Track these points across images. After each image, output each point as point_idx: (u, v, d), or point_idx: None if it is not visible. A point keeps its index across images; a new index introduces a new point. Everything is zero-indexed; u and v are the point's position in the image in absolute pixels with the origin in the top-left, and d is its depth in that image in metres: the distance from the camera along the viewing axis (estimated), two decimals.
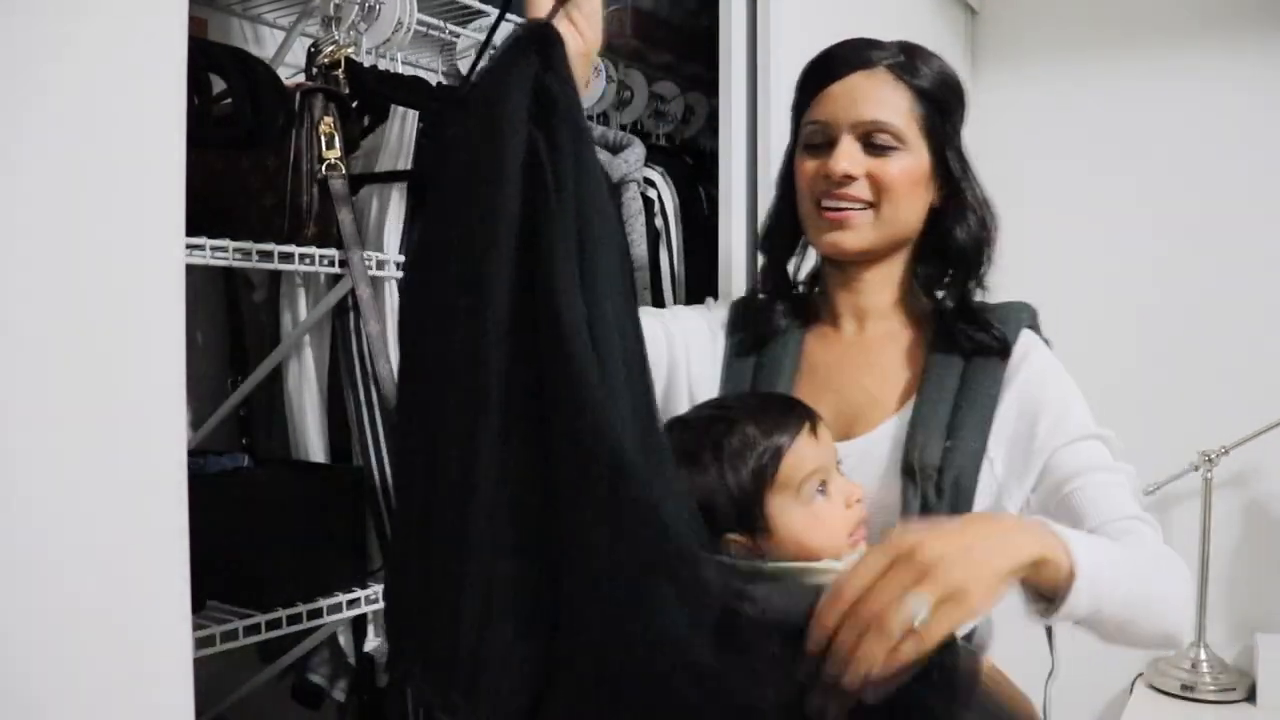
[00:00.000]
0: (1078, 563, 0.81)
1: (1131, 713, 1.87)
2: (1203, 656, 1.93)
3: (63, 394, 0.76)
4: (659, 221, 1.60)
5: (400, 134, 1.30)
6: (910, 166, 1.06)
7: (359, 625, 1.32)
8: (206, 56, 1.17)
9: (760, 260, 1.22)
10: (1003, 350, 1.05)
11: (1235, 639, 2.01)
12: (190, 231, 0.86)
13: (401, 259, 1.29)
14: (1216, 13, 2.03)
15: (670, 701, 0.77)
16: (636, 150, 1.50)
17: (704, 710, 0.76)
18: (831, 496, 0.97)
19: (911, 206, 1.08)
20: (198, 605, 1.00)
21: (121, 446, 0.79)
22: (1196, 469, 1.95)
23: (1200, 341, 2.05)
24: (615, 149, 1.52)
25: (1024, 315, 1.10)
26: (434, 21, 1.46)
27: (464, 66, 1.56)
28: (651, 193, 1.59)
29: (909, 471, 1.01)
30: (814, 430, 0.97)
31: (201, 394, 1.42)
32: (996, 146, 1.15)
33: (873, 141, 1.06)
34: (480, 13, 1.53)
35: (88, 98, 0.77)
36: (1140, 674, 2.02)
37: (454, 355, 0.83)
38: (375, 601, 1.25)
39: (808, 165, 1.09)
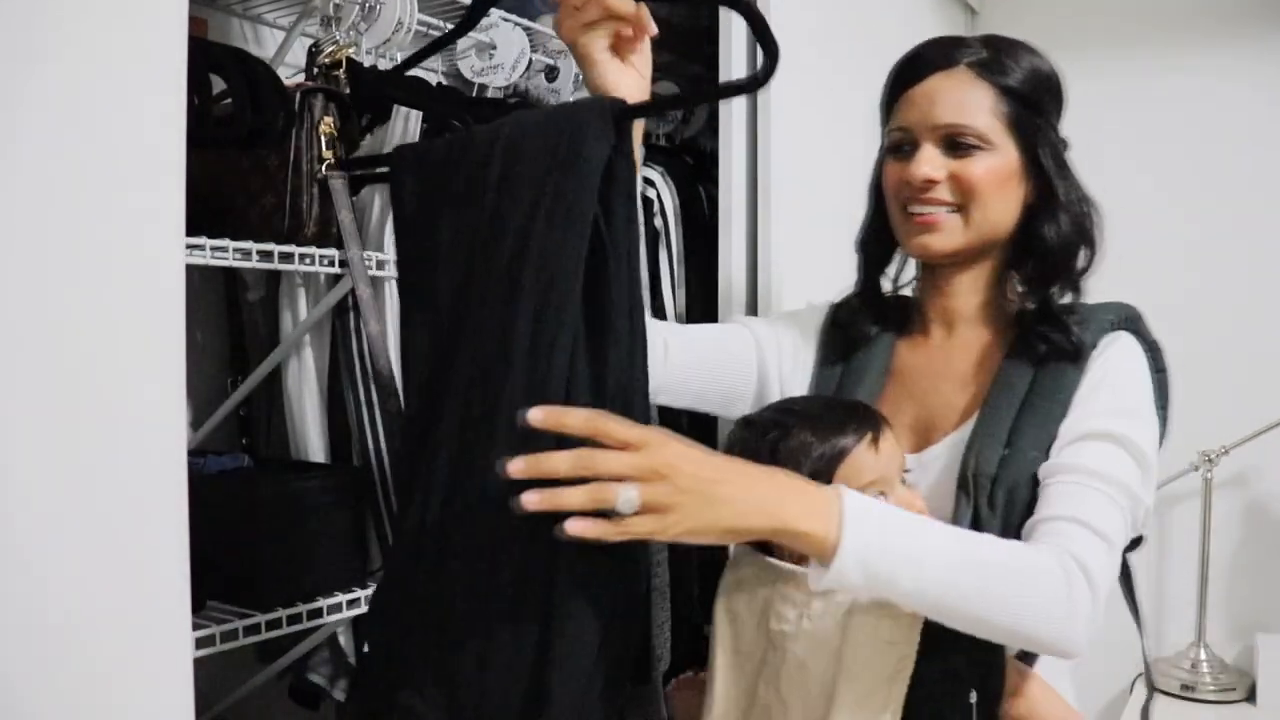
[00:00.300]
0: (844, 542, 0.81)
1: (1131, 713, 1.87)
2: (1203, 656, 1.93)
3: (63, 394, 0.76)
4: (658, 221, 1.59)
5: (403, 134, 1.29)
6: (996, 166, 1.03)
7: (359, 625, 1.32)
8: (206, 56, 1.17)
9: (857, 265, 1.19)
10: (1076, 355, 1.00)
11: (1235, 639, 2.01)
12: (190, 231, 0.86)
13: None
14: (1217, 11, 2.03)
15: None
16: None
17: None
18: None
19: (1000, 206, 1.04)
20: (198, 605, 1.00)
21: (121, 446, 0.79)
22: (1196, 469, 1.95)
23: (1200, 341, 2.05)
24: None
25: (1111, 316, 1.04)
26: (434, 21, 1.45)
27: (464, 67, 1.56)
28: (651, 193, 1.58)
29: (963, 482, 0.98)
30: (875, 440, 0.96)
31: (201, 394, 1.42)
32: None
33: (955, 143, 1.03)
34: None
35: (88, 98, 0.77)
36: (1140, 674, 2.02)
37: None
38: None
39: (892, 171, 1.08)
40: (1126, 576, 1.07)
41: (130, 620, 0.80)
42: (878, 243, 1.14)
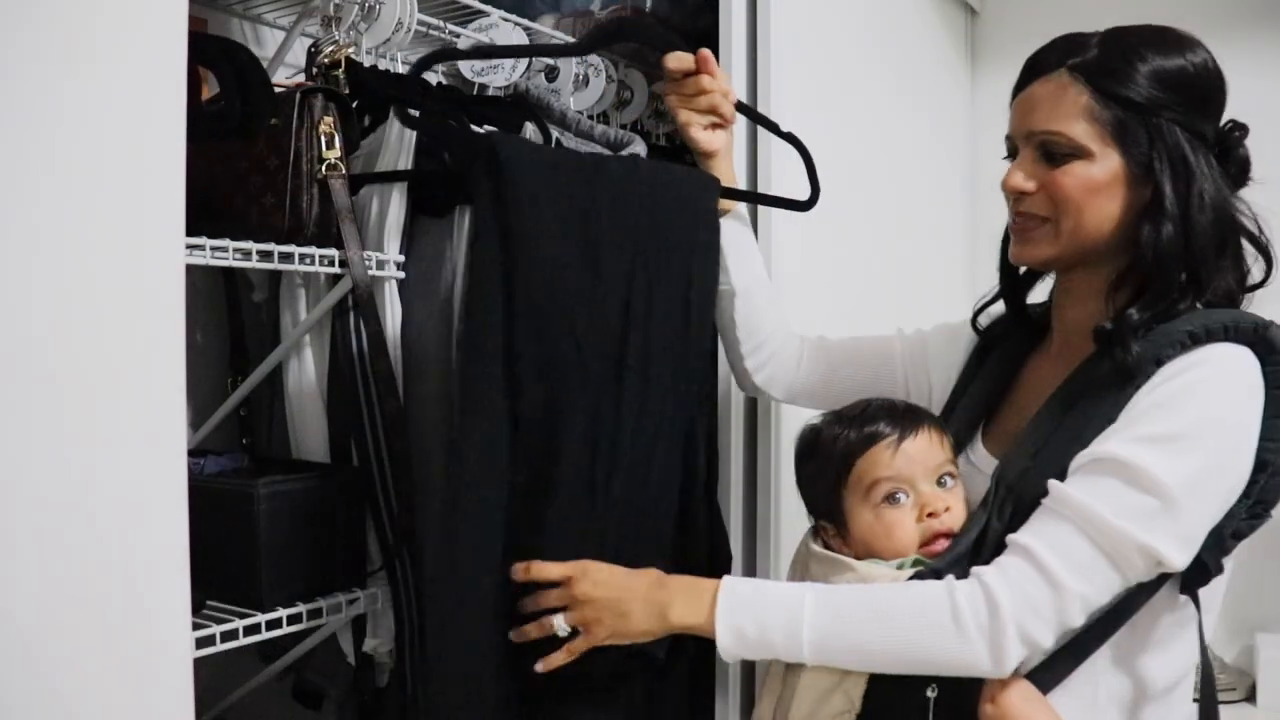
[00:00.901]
0: (716, 626, 0.99)
1: None
2: None
3: (63, 394, 0.76)
4: None
5: (400, 134, 1.29)
6: (1090, 175, 1.00)
7: (359, 625, 1.32)
8: (198, 51, 1.16)
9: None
10: (1127, 372, 0.96)
11: (1235, 639, 2.00)
12: (190, 231, 0.86)
13: (401, 259, 1.29)
14: (1218, 12, 2.02)
15: None
16: (637, 148, 1.50)
17: None
18: (904, 506, 1.02)
19: (1096, 216, 1.01)
20: (198, 605, 1.00)
21: (121, 446, 0.79)
22: None
23: None
24: (616, 146, 1.52)
25: (1189, 328, 0.97)
26: (434, 21, 1.45)
27: (464, 67, 1.56)
28: None
29: (988, 493, 1.01)
30: (898, 441, 1.03)
31: (201, 394, 1.42)
32: (997, 146, 1.14)
33: (1050, 151, 1.02)
34: (480, 13, 1.53)
35: (88, 98, 0.77)
36: None
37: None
38: (375, 601, 1.25)
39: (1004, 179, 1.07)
40: (1197, 614, 1.01)
41: (130, 620, 0.80)
42: (1006, 251, 1.13)
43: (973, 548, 0.98)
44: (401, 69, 1.43)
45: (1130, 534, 0.91)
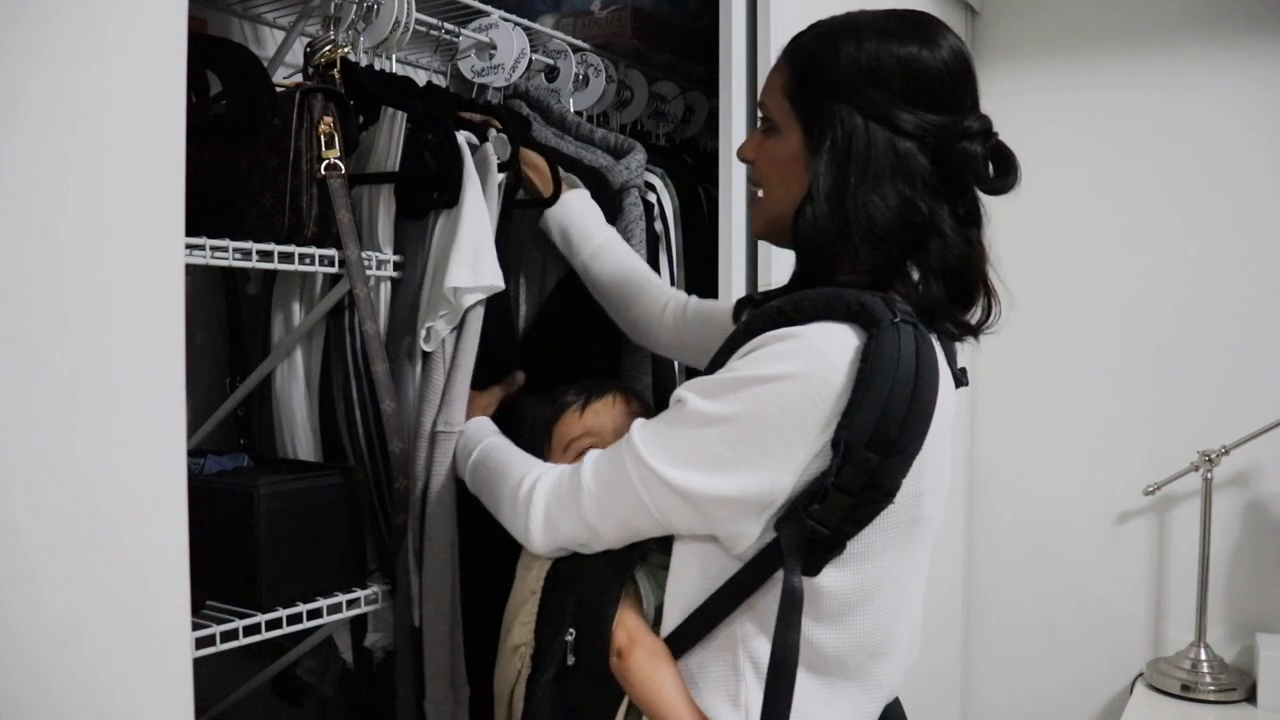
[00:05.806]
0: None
1: (1131, 713, 1.87)
2: (1203, 656, 1.92)
3: (63, 394, 0.76)
4: (659, 225, 1.59)
5: (389, 133, 1.29)
6: (776, 149, 1.00)
7: (357, 624, 1.32)
8: (201, 52, 1.17)
9: None
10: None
11: (1235, 639, 2.01)
12: (190, 231, 0.86)
13: (399, 259, 1.29)
14: (1218, 11, 2.03)
15: None
16: (638, 156, 1.50)
17: None
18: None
19: (782, 192, 1.00)
20: (197, 605, 1.00)
21: (121, 446, 0.79)
22: (1196, 469, 1.95)
23: (1200, 341, 2.05)
24: (617, 154, 1.52)
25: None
26: (432, 21, 1.46)
27: (464, 67, 1.56)
28: (651, 197, 1.58)
29: None
30: (582, 409, 1.20)
31: (201, 394, 1.42)
32: None
33: (764, 123, 1.04)
34: (480, 12, 1.53)
35: (88, 98, 0.77)
36: (1140, 674, 2.02)
37: None
38: (374, 601, 1.25)
39: None
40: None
41: (130, 620, 0.80)
42: None
43: None
44: (398, 69, 1.43)
45: None
